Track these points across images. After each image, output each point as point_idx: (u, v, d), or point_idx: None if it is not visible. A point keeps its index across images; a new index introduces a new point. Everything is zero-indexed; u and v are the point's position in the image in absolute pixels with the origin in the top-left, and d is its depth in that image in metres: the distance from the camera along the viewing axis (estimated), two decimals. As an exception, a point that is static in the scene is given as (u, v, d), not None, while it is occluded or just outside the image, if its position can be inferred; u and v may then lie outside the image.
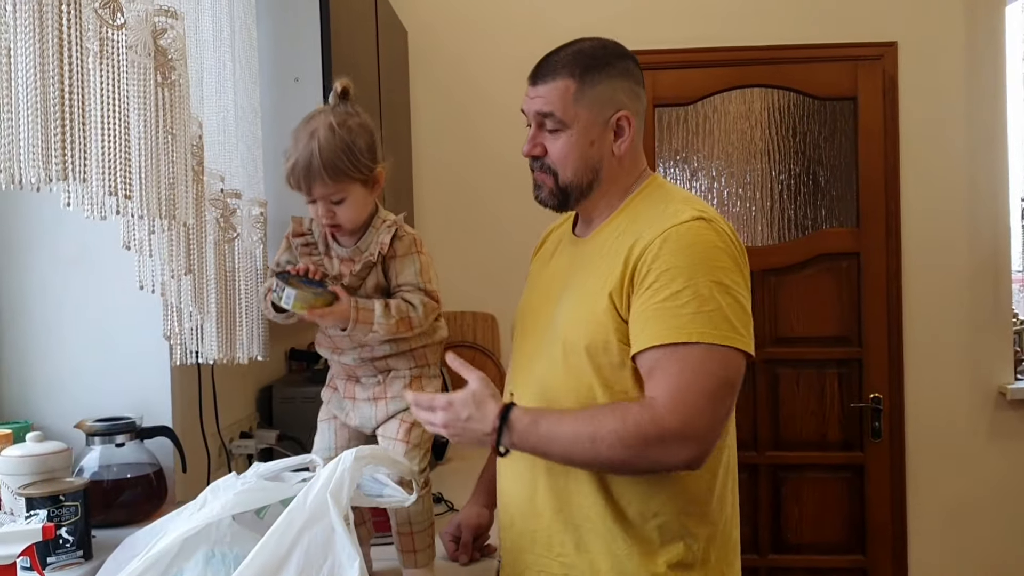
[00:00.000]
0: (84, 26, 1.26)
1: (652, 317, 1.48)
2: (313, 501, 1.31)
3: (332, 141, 1.57)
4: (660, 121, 3.54)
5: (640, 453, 1.44)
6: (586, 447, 1.46)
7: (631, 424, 1.43)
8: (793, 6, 3.47)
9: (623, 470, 1.51)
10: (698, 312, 1.46)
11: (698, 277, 1.48)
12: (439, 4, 3.56)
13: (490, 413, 1.50)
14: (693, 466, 1.47)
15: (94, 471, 1.85)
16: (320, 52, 2.15)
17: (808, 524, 3.47)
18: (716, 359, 1.46)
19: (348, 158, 1.58)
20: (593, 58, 1.61)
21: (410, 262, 1.67)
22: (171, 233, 1.62)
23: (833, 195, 3.49)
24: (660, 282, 1.48)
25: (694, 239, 1.51)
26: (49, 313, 2.04)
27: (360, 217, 1.65)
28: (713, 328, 1.46)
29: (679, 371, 1.45)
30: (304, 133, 1.59)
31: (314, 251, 1.70)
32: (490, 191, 3.50)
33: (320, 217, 1.63)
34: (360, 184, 1.62)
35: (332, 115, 1.60)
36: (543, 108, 1.60)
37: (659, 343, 1.46)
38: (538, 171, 1.65)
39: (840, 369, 3.46)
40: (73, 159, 1.22)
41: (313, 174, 1.57)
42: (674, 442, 1.43)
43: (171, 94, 1.51)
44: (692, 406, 1.43)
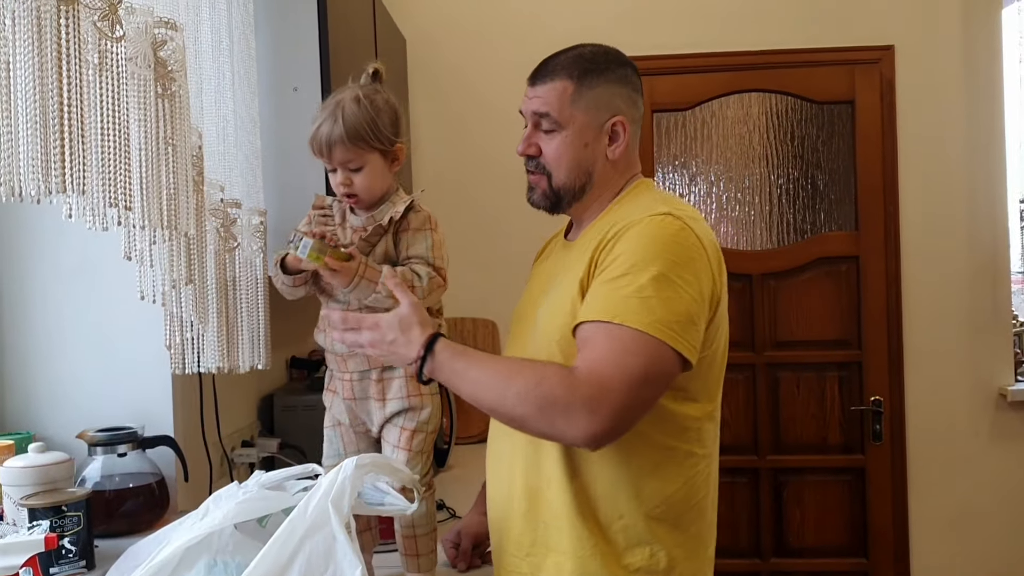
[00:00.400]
0: (83, 39, 1.27)
1: (592, 296, 1.48)
2: (314, 510, 1.32)
3: (356, 110, 1.62)
4: (658, 126, 3.54)
5: (544, 415, 1.41)
6: (495, 393, 1.46)
7: (545, 384, 1.40)
8: (790, 11, 3.48)
9: (523, 427, 1.48)
10: (632, 297, 1.43)
11: (644, 264, 1.45)
12: (437, 12, 3.57)
13: (416, 339, 1.50)
14: (590, 445, 1.43)
15: (96, 481, 1.85)
16: (318, 61, 2.15)
17: (810, 527, 3.48)
18: (642, 346, 1.41)
19: (369, 126, 1.62)
20: (592, 62, 1.62)
21: (422, 237, 1.69)
22: (172, 243, 1.63)
23: (832, 199, 3.50)
24: (612, 266, 1.48)
25: (654, 231, 1.49)
26: (51, 324, 2.05)
27: (377, 188, 1.68)
28: (645, 315, 1.41)
29: (605, 348, 1.42)
30: (331, 102, 1.65)
31: (330, 221, 1.73)
32: (490, 198, 3.51)
33: (338, 185, 1.66)
34: (380, 155, 1.66)
35: (360, 89, 1.65)
36: (540, 108, 1.60)
37: (591, 319, 1.45)
38: (532, 172, 1.65)
39: (840, 372, 3.46)
40: (73, 171, 1.23)
41: (334, 139, 1.61)
42: (579, 414, 1.39)
43: (171, 105, 1.52)
44: (607, 384, 1.39)
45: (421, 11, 3.55)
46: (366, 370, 1.68)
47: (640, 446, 1.52)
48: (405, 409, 1.68)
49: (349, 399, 1.71)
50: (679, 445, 1.55)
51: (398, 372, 1.69)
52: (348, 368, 1.69)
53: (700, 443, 1.58)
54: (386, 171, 1.69)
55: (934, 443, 3.45)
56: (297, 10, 2.16)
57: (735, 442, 3.46)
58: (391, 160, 1.69)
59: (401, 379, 1.68)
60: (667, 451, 1.54)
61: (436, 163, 3.56)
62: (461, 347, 1.53)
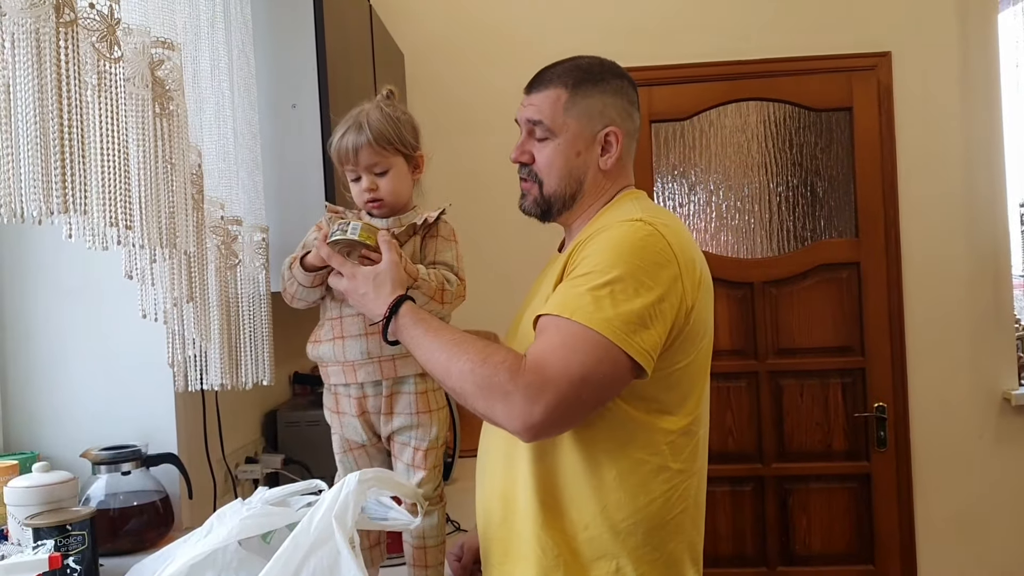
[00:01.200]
0: (82, 60, 1.28)
1: (555, 293, 1.50)
2: (318, 525, 1.32)
3: (380, 116, 1.67)
4: (656, 136, 3.55)
5: (483, 395, 1.42)
6: (442, 365, 1.48)
7: (491, 365, 1.41)
8: (785, 19, 3.49)
9: (466, 403, 1.47)
10: (586, 294, 1.42)
11: (606, 266, 1.44)
12: (435, 27, 3.59)
13: (384, 297, 1.55)
14: (525, 435, 1.42)
15: (100, 500, 1.86)
16: (317, 78, 2.16)
17: (816, 535, 3.47)
18: (588, 343, 1.39)
19: (395, 130, 1.68)
20: (588, 72, 1.63)
21: (450, 247, 1.75)
22: (172, 261, 1.64)
23: (831, 206, 3.51)
24: (578, 267, 1.48)
25: (622, 235, 1.48)
26: (54, 343, 2.05)
27: (401, 194, 1.72)
28: (595, 312, 1.40)
29: (552, 341, 1.42)
30: (351, 115, 1.70)
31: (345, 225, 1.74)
32: (488, 212, 3.50)
33: (362, 192, 1.70)
34: (403, 159, 1.71)
35: (382, 102, 1.72)
36: (533, 115, 1.62)
37: (546, 312, 1.46)
38: (524, 179, 1.67)
39: (843, 379, 3.46)
40: (73, 192, 1.24)
41: (361, 143, 1.65)
42: (517, 400, 1.38)
43: (169, 124, 1.53)
44: (549, 376, 1.38)
45: (419, 26, 3.57)
46: (377, 381, 1.68)
47: (609, 456, 1.50)
48: (413, 426, 1.69)
49: (361, 414, 1.70)
50: (649, 458, 1.51)
51: (407, 387, 1.69)
52: (358, 378, 1.68)
53: (675, 458, 1.54)
54: (409, 177, 1.74)
55: (939, 448, 3.44)
56: (295, 27, 2.17)
57: (739, 450, 3.45)
58: (413, 167, 1.74)
59: (410, 395, 1.69)
60: (636, 463, 1.51)
61: (434, 177, 3.54)
62: (425, 314, 1.56)
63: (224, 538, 1.36)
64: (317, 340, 1.73)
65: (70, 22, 1.22)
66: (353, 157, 1.66)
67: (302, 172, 2.16)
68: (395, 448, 1.72)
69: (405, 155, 1.71)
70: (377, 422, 1.71)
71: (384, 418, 1.69)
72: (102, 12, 1.33)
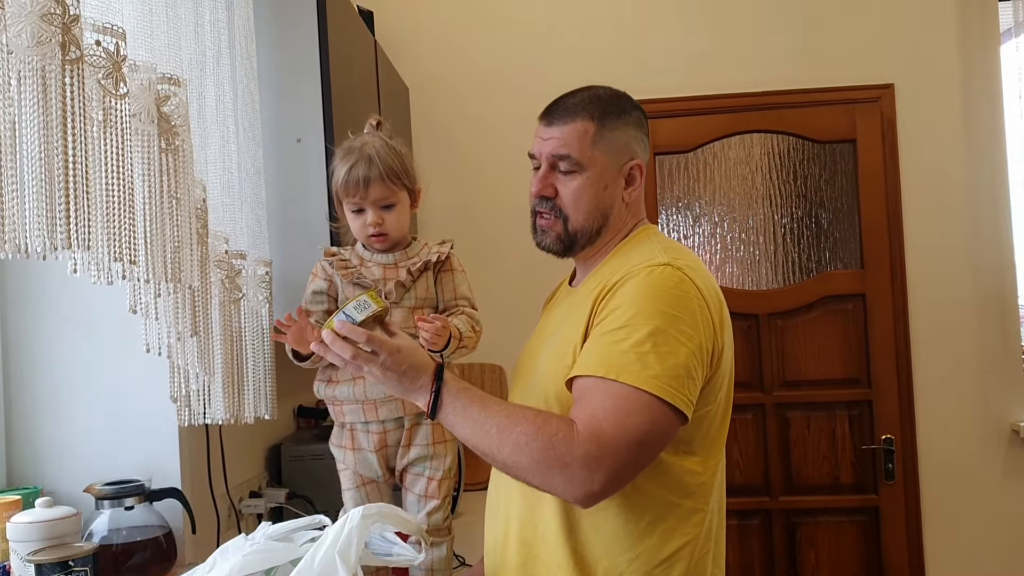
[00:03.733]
0: (88, 96, 1.29)
1: (589, 349, 1.45)
2: (321, 560, 1.31)
3: (387, 149, 1.69)
4: (661, 168, 3.56)
5: (540, 468, 1.37)
6: (491, 437, 1.41)
7: (545, 436, 1.36)
8: (789, 51, 3.51)
9: (518, 476, 1.43)
10: (629, 351, 1.39)
11: (642, 318, 1.41)
12: (440, 61, 3.62)
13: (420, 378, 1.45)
14: (583, 503, 1.39)
15: (103, 535, 1.85)
16: (321, 112, 2.18)
17: (825, 569, 3.43)
18: (641, 405, 1.37)
19: (401, 164, 1.70)
20: (611, 104, 1.61)
21: (464, 279, 1.78)
22: (177, 296, 1.64)
23: (836, 237, 3.51)
24: (609, 318, 1.45)
25: (652, 282, 1.45)
26: (57, 378, 2.05)
27: (404, 228, 1.74)
28: (642, 371, 1.38)
29: (603, 405, 1.38)
30: (357, 146, 1.70)
31: (349, 264, 1.75)
32: (494, 245, 3.52)
33: (367, 225, 1.70)
34: (407, 194, 1.73)
35: (380, 133, 1.73)
36: (559, 150, 1.57)
37: (587, 373, 1.41)
38: (546, 214, 1.60)
39: (850, 411, 3.44)
40: (78, 227, 1.24)
41: (372, 176, 1.66)
42: (576, 471, 1.34)
43: (175, 159, 1.54)
44: (607, 444, 1.35)
45: (423, 60, 3.59)
46: (400, 416, 1.68)
47: (640, 502, 1.48)
48: (429, 456, 1.68)
49: (380, 449, 1.70)
50: (681, 502, 1.50)
51: (425, 419, 1.69)
52: (379, 416, 1.68)
53: (704, 499, 1.53)
54: (409, 212, 1.75)
55: (948, 481, 3.41)
56: (300, 62, 2.19)
57: (747, 483, 3.43)
58: (414, 200, 1.76)
59: (427, 425, 1.69)
60: (669, 507, 1.49)
61: (439, 209, 3.58)
62: (464, 386, 1.47)
63: (227, 574, 1.35)
64: (333, 380, 1.73)
65: (76, 60, 1.23)
66: (363, 191, 1.66)
67: (306, 207, 2.17)
68: (408, 480, 1.71)
69: (408, 189, 1.73)
70: (394, 456, 1.71)
71: (402, 451, 1.70)
72: (108, 49, 1.34)
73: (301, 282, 2.14)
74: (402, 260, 1.70)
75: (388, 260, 1.71)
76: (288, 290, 2.16)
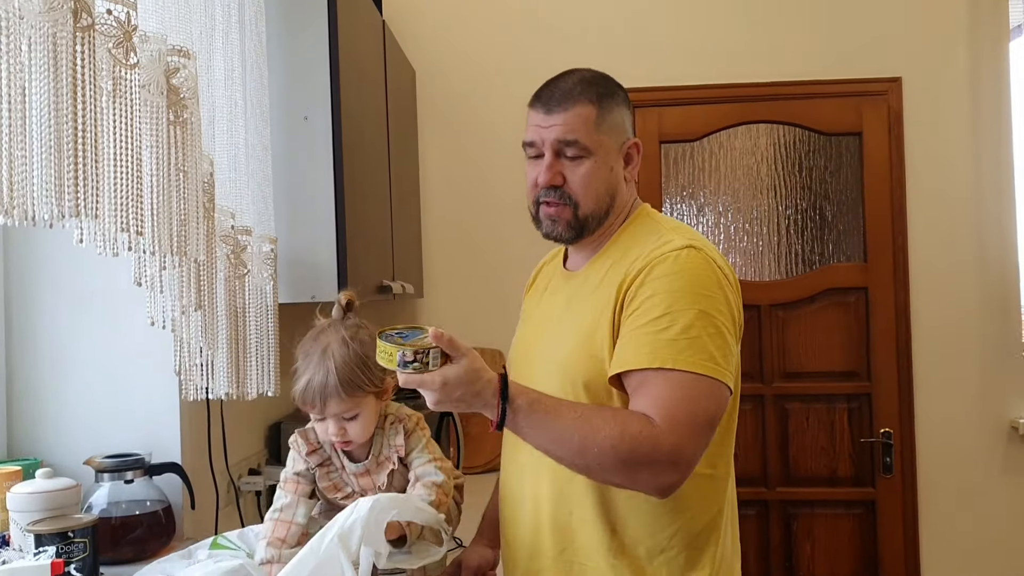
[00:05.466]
0: (98, 66, 1.28)
1: (633, 341, 1.45)
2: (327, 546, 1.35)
3: (347, 356, 1.53)
4: (666, 157, 3.55)
5: (628, 467, 1.38)
6: (573, 443, 1.39)
7: (630, 436, 1.37)
8: (798, 43, 3.50)
9: (601, 478, 1.45)
10: (680, 339, 1.41)
11: (681, 304, 1.44)
12: (447, 44, 3.60)
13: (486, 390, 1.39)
14: (666, 493, 1.42)
15: (103, 508, 1.85)
16: (329, 91, 2.17)
17: (820, 561, 3.44)
18: (703, 390, 1.41)
19: (363, 372, 1.54)
20: (603, 86, 1.60)
21: (415, 438, 1.66)
22: (182, 269, 1.64)
23: (840, 230, 3.50)
24: (644, 307, 1.45)
25: (681, 266, 1.47)
26: (59, 350, 2.05)
27: (371, 431, 1.62)
28: (692, 355, 1.41)
29: (670, 396, 1.40)
30: (316, 350, 1.55)
31: (331, 469, 1.67)
32: (497, 228, 3.52)
33: (330, 436, 1.58)
34: (374, 397, 1.59)
35: (343, 329, 1.57)
36: (565, 135, 1.55)
37: (643, 366, 1.42)
38: (554, 202, 1.58)
39: (850, 404, 3.44)
40: (86, 196, 1.24)
41: (329, 391, 1.52)
42: (664, 465, 1.38)
43: (183, 132, 1.53)
44: (685, 432, 1.38)
45: (430, 43, 3.58)
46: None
47: None
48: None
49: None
50: (711, 472, 1.53)
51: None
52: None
53: (725, 466, 1.58)
54: (378, 409, 1.62)
55: (945, 476, 3.42)
56: (309, 40, 2.18)
57: (744, 474, 3.41)
58: (383, 396, 1.62)
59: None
60: (701, 477, 1.49)
61: (444, 192, 3.58)
62: (534, 393, 1.43)
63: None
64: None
65: (87, 27, 1.23)
66: (320, 406, 1.55)
67: (312, 184, 2.17)
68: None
69: (375, 392, 1.59)
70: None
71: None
72: (119, 18, 1.34)
73: (306, 260, 2.15)
74: (372, 466, 1.64)
75: (359, 468, 1.65)
76: (293, 268, 2.15)
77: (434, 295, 3.57)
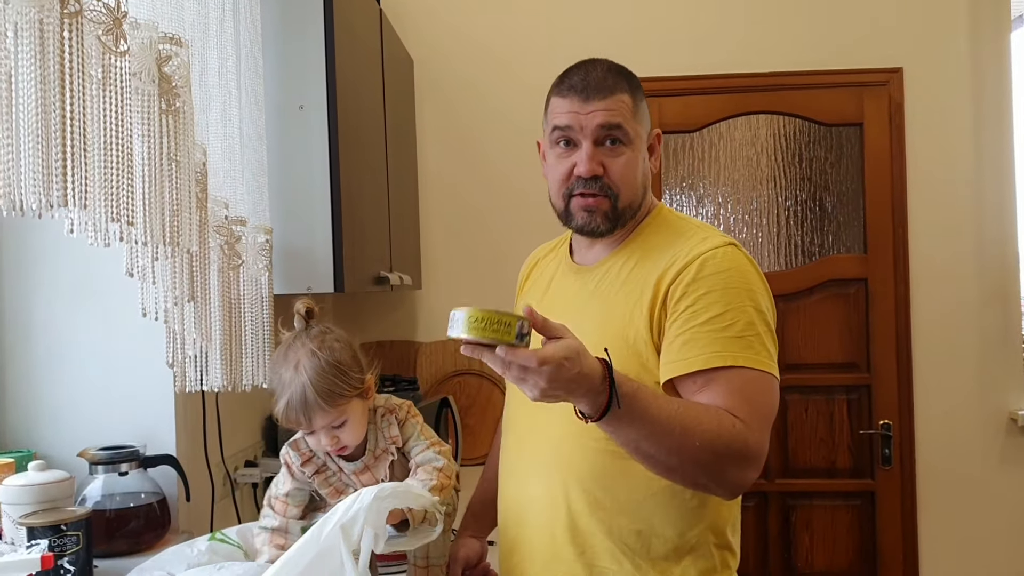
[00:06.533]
0: (87, 52, 1.26)
1: (691, 341, 1.42)
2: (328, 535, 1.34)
3: (320, 367, 1.50)
4: (666, 148, 3.53)
5: (722, 463, 1.37)
6: (674, 439, 1.33)
7: (726, 432, 1.35)
8: (798, 33, 3.47)
9: (685, 474, 1.39)
10: (741, 336, 1.42)
11: (738, 302, 1.44)
12: (445, 33, 3.58)
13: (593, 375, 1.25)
14: (739, 492, 1.45)
15: (97, 500, 1.84)
16: (325, 80, 2.15)
17: (819, 552, 3.43)
18: (767, 387, 1.43)
19: (341, 379, 1.51)
20: (632, 76, 1.57)
21: (408, 427, 1.65)
22: (175, 260, 1.62)
23: (840, 221, 3.48)
24: (699, 305, 1.44)
25: (729, 264, 1.47)
26: (53, 341, 2.04)
27: (363, 431, 1.61)
28: (755, 354, 1.42)
29: (745, 392, 1.40)
30: (288, 369, 1.52)
31: (330, 474, 1.65)
32: (497, 219, 3.50)
33: (324, 446, 1.57)
34: (358, 399, 1.56)
35: (308, 340, 1.53)
36: (610, 120, 1.50)
37: (707, 367, 1.41)
38: (593, 194, 1.53)
39: (849, 395, 3.43)
40: (75, 185, 1.22)
41: (311, 406, 1.50)
42: (751, 462, 1.38)
43: (175, 121, 1.52)
44: (765, 428, 1.41)
45: (428, 31, 3.56)
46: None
47: None
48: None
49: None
50: None
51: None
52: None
53: None
54: (365, 409, 1.60)
55: (944, 468, 3.41)
56: (304, 29, 2.16)
57: (743, 465, 3.42)
58: (366, 395, 1.59)
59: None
60: None
61: (442, 183, 3.56)
62: (635, 385, 1.32)
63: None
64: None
65: (75, 13, 1.21)
66: (306, 422, 1.52)
67: (308, 174, 2.15)
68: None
69: (358, 394, 1.57)
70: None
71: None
72: (108, 5, 1.32)
73: (302, 250, 2.13)
74: (370, 462, 1.63)
75: (358, 467, 1.63)
76: (288, 259, 2.14)
77: (433, 286, 3.55)
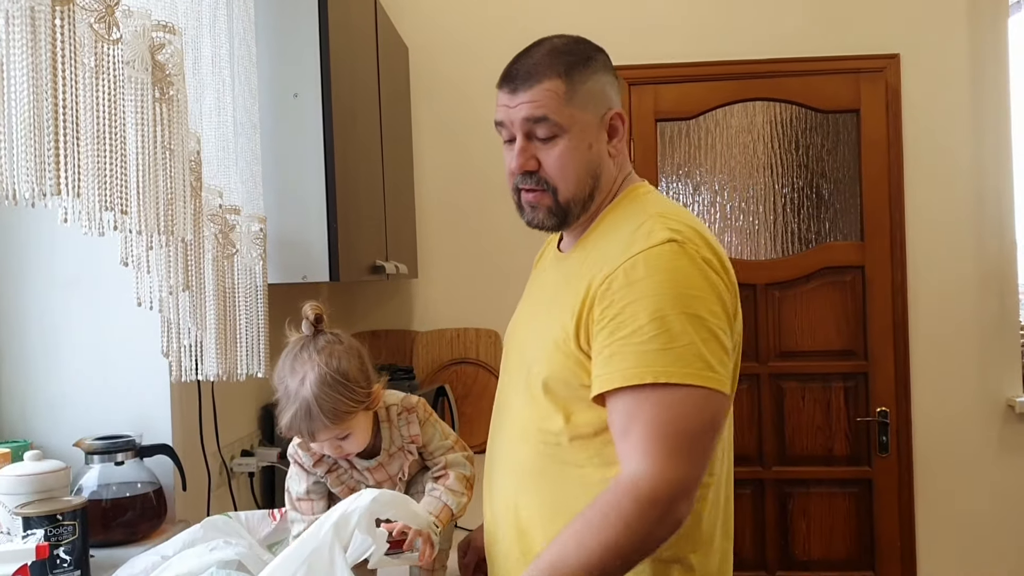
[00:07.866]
0: (79, 41, 1.25)
1: (616, 355, 1.32)
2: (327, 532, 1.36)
3: (326, 383, 1.48)
4: (662, 135, 3.52)
5: (652, 539, 1.29)
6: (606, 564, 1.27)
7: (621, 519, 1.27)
8: (794, 19, 3.46)
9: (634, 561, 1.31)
10: (667, 349, 1.29)
11: (667, 309, 1.30)
12: (440, 21, 3.56)
13: None
14: (682, 524, 1.31)
15: (93, 490, 1.84)
16: (319, 68, 2.14)
17: (816, 540, 3.44)
18: (693, 402, 1.29)
19: (346, 396, 1.50)
20: (573, 54, 1.47)
21: (429, 427, 1.66)
22: (169, 249, 1.62)
23: (837, 208, 3.48)
24: (624, 315, 1.32)
25: (663, 265, 1.33)
26: (48, 331, 2.03)
27: (367, 439, 1.60)
28: (685, 367, 1.29)
29: (655, 422, 1.29)
30: (293, 380, 1.50)
31: (341, 472, 1.66)
32: (492, 206, 3.49)
33: (327, 452, 1.58)
34: (363, 411, 1.56)
35: (316, 353, 1.51)
36: (533, 113, 1.42)
37: (625, 384, 1.30)
38: (532, 189, 1.46)
39: (846, 383, 3.43)
40: (68, 174, 1.21)
41: (315, 423, 1.49)
42: (671, 509, 1.28)
43: (169, 109, 1.51)
44: (684, 459, 1.29)
45: (423, 20, 3.54)
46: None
47: None
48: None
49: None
50: (709, 478, 1.41)
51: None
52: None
53: (721, 463, 1.46)
54: (370, 418, 1.60)
55: (941, 455, 3.41)
56: (299, 16, 2.15)
57: (740, 453, 3.39)
58: (372, 405, 1.58)
59: None
60: (704, 488, 1.40)
61: (438, 172, 3.55)
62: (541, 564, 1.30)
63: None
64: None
65: (67, 1, 1.20)
66: (310, 437, 1.53)
67: (302, 163, 2.14)
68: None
69: (364, 408, 1.56)
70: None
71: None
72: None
73: (296, 239, 2.13)
74: (384, 459, 1.63)
75: (371, 463, 1.63)
76: (283, 248, 2.13)
77: (428, 275, 3.54)
